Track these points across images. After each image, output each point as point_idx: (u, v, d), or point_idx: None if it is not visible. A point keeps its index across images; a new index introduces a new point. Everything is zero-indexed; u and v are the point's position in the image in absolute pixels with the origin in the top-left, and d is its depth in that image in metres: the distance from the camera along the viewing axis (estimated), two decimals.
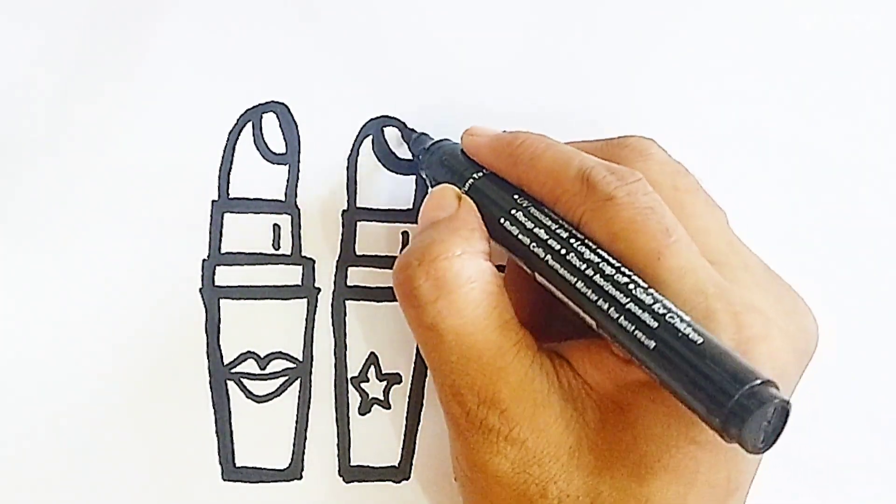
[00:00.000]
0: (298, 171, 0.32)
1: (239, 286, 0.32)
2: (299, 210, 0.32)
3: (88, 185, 0.31)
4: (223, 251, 0.32)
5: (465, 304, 0.26)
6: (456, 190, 0.29)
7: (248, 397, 0.32)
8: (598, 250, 0.25)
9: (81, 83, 0.32)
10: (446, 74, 0.33)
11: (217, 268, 0.32)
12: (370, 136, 0.33)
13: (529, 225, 0.27)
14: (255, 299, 0.32)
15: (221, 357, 0.32)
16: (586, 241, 0.26)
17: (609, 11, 0.34)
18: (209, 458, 0.32)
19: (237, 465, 0.32)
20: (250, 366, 0.32)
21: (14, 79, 0.31)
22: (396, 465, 0.33)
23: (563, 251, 0.26)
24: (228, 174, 0.32)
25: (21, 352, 0.31)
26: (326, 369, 0.33)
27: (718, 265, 0.26)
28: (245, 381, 0.32)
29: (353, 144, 0.33)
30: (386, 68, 0.33)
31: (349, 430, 0.33)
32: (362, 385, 0.33)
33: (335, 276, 0.33)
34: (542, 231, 0.26)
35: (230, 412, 0.32)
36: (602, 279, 0.24)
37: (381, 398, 0.33)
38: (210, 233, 0.32)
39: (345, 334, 0.33)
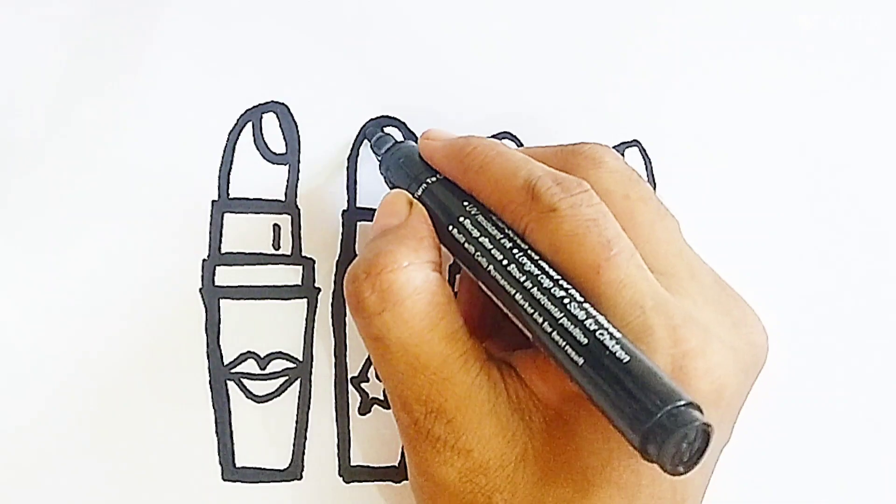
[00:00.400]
0: (298, 171, 0.32)
1: (239, 286, 0.32)
2: (299, 210, 0.32)
3: (88, 185, 0.31)
4: (223, 251, 0.32)
5: (411, 316, 0.26)
6: (408, 196, 0.29)
7: (248, 397, 0.32)
8: (540, 262, 0.25)
9: (81, 83, 0.32)
10: (446, 74, 0.33)
11: (217, 268, 0.32)
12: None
13: (475, 234, 0.27)
14: (255, 299, 0.32)
15: (221, 357, 0.32)
16: (529, 251, 0.26)
17: (611, 14, 0.34)
18: (209, 459, 0.32)
19: (237, 465, 0.32)
20: (250, 366, 0.32)
21: (14, 80, 0.31)
22: (396, 465, 0.33)
23: (505, 262, 0.25)
24: (228, 174, 0.32)
25: (20, 351, 0.31)
26: (326, 369, 0.32)
27: (665, 276, 0.26)
28: (245, 381, 0.32)
29: (353, 144, 0.33)
30: (386, 68, 0.33)
31: (349, 430, 0.33)
32: (362, 385, 0.33)
33: (335, 276, 0.33)
34: (487, 240, 0.26)
35: (230, 412, 0.32)
36: (539, 292, 0.24)
37: (382, 398, 0.33)
38: (210, 233, 0.32)
39: (345, 334, 0.33)
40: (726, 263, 0.29)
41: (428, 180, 0.29)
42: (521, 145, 0.34)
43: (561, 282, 0.24)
